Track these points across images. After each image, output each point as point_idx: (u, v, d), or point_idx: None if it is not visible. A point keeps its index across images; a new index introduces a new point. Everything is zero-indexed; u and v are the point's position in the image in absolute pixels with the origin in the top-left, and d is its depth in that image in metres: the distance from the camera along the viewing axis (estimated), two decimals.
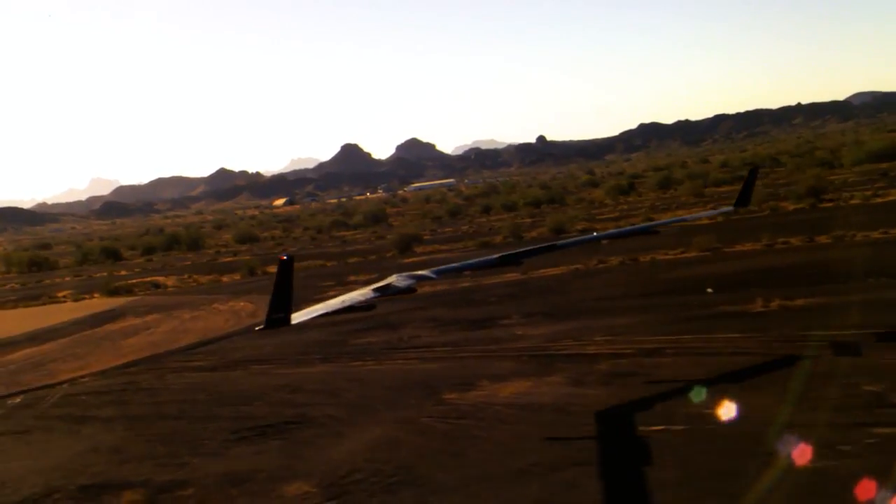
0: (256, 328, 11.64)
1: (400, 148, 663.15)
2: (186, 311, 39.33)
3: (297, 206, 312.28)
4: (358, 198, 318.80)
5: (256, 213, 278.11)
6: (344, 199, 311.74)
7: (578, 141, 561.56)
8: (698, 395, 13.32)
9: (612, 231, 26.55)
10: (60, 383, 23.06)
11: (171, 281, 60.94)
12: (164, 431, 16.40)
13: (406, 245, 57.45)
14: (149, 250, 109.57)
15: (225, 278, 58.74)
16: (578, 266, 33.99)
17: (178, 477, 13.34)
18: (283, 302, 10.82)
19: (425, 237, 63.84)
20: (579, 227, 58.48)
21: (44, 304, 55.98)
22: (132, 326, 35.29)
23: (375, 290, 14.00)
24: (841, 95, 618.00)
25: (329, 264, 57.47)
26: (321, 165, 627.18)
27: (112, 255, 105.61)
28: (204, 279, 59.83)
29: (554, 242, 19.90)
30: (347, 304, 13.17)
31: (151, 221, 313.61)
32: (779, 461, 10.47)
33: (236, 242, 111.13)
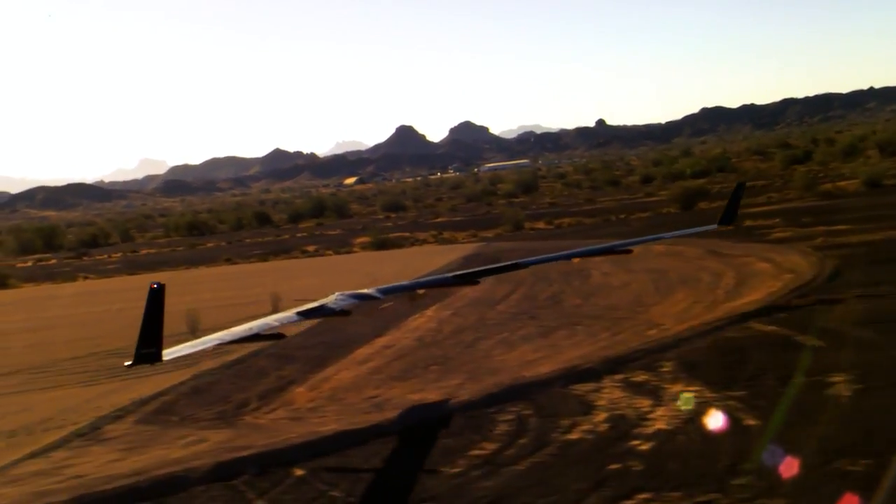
0: (126, 364, 10.41)
1: (454, 131, 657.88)
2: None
3: (371, 185, 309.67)
4: (432, 178, 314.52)
5: (333, 190, 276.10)
6: (419, 178, 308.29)
7: (642, 125, 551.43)
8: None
9: (582, 249, 23.57)
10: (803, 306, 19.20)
11: (424, 236, 57.17)
12: None
13: (690, 201, 52.66)
14: (295, 217, 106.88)
15: (489, 233, 54.77)
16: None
17: None
18: (154, 334, 9.84)
19: (713, 192, 58.58)
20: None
21: (295, 257, 52.81)
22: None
23: (302, 313, 13.05)
24: None
25: (614, 218, 53.14)
26: (377, 147, 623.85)
27: (265, 220, 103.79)
28: (459, 235, 55.99)
29: (518, 261, 18.62)
30: (255, 331, 12.12)
31: (221, 199, 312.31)
32: None
33: (383, 210, 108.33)
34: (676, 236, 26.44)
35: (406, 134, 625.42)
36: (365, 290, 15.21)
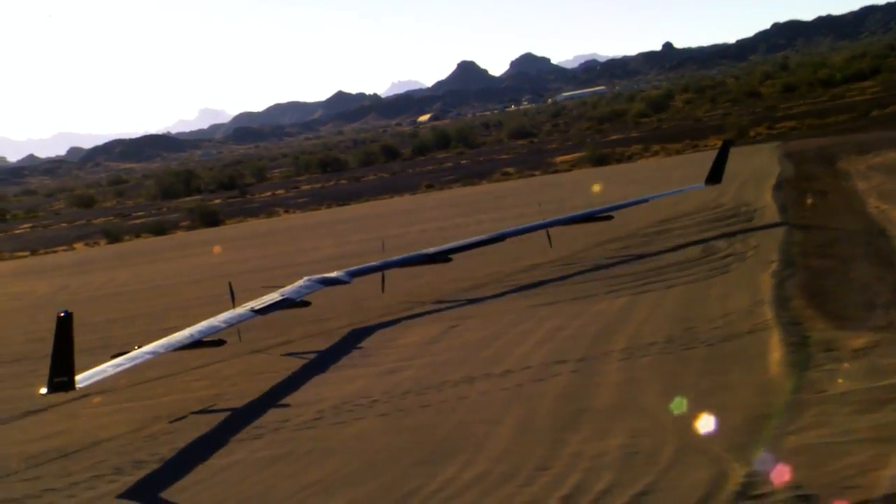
0: (41, 391, 10.01)
1: (514, 63, 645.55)
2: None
3: (447, 121, 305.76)
4: (508, 110, 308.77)
5: (409, 129, 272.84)
6: (495, 111, 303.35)
7: (709, 46, 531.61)
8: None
9: (560, 218, 22.59)
10: None
11: (631, 152, 53.74)
12: None
13: None
14: (420, 150, 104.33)
15: (706, 142, 51.26)
16: None
17: None
18: (65, 362, 9.61)
19: None
20: None
21: (497, 180, 50.05)
22: None
23: (259, 310, 12.53)
24: None
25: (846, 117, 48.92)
26: (439, 84, 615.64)
27: (392, 154, 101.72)
28: (672, 147, 52.54)
29: (495, 234, 19.09)
30: (195, 337, 11.39)
31: (296, 143, 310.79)
32: None
33: (509, 138, 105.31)
34: (663, 196, 24.74)
35: (468, 69, 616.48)
36: (333, 275, 15.05)
